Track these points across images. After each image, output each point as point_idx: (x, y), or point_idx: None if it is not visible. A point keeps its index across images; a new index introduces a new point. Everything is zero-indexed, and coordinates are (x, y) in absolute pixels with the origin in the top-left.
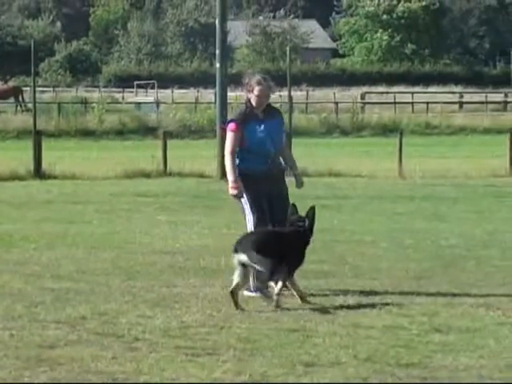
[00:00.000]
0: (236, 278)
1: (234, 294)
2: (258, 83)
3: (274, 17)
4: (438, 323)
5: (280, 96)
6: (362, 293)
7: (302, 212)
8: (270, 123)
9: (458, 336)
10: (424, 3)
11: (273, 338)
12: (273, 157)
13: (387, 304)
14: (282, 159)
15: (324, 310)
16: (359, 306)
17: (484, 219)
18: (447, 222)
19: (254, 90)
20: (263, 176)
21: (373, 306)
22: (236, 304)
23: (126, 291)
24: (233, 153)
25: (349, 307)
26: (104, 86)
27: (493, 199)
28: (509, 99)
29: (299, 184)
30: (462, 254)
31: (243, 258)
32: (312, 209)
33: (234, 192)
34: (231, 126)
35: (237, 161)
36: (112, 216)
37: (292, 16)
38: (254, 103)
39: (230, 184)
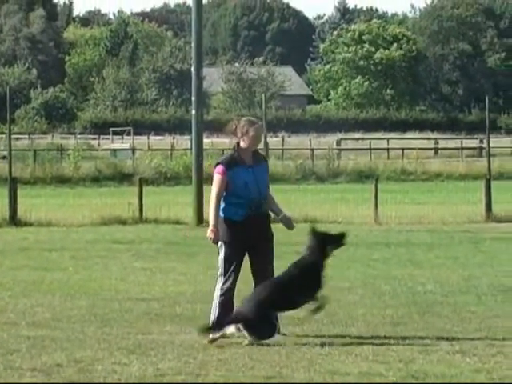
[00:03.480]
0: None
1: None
2: (253, 123)
3: (251, 63)
4: (414, 370)
5: None
6: (339, 339)
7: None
8: (257, 169)
9: (434, 382)
10: (402, 52)
11: None
12: (257, 202)
13: (363, 351)
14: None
15: (301, 357)
16: (335, 353)
17: (460, 265)
18: (423, 268)
19: (249, 131)
20: (247, 221)
21: (349, 352)
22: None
23: (102, 338)
24: (218, 196)
25: (325, 354)
26: (80, 133)
27: (468, 245)
28: (484, 145)
29: (290, 224)
30: (438, 300)
31: None
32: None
33: (211, 236)
34: (218, 169)
35: (222, 204)
36: (88, 263)
37: (270, 64)
38: (247, 145)
39: (210, 227)
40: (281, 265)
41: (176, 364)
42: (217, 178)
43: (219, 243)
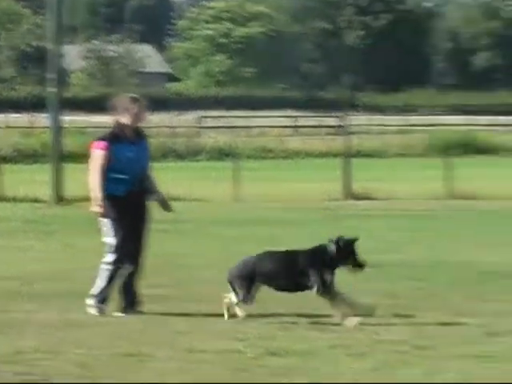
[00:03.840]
0: None
1: None
2: (136, 100)
3: (110, 41)
4: (273, 346)
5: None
6: (200, 317)
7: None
8: (139, 145)
9: (293, 359)
10: (260, 28)
11: (109, 363)
12: (140, 179)
13: (223, 328)
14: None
15: (161, 335)
16: (195, 331)
17: (317, 242)
18: (282, 244)
19: (132, 108)
20: (130, 197)
21: (209, 330)
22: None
23: None
24: (100, 171)
25: (185, 332)
26: None
27: (327, 222)
28: (343, 123)
29: (168, 207)
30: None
31: None
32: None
33: (97, 209)
34: (100, 144)
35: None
36: None
37: (128, 40)
38: (130, 121)
39: (94, 201)
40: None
41: (35, 342)
42: (99, 153)
43: (104, 220)
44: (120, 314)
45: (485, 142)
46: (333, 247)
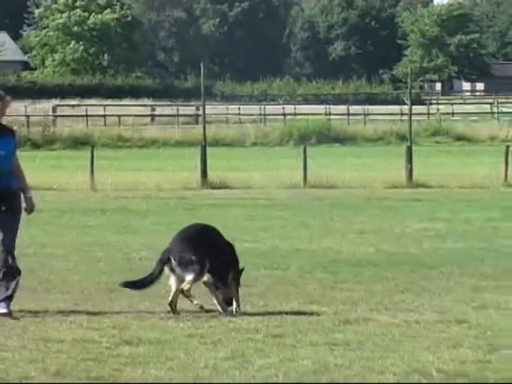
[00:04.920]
0: None
1: None
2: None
3: None
4: (128, 335)
5: None
6: (53, 306)
7: None
8: (2, 140)
9: (148, 348)
10: (115, 15)
11: None
12: (4, 174)
13: (78, 317)
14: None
15: (14, 325)
16: (50, 320)
17: (174, 231)
18: (138, 234)
19: None
20: None
21: (63, 319)
22: None
23: None
24: None
25: (39, 320)
26: None
27: (183, 211)
28: (200, 112)
29: (31, 208)
30: (152, 266)
31: None
32: None
33: None
34: None
35: None
36: None
37: None
38: None
39: None
40: None
41: None
42: None
43: None
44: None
45: (340, 131)
46: None
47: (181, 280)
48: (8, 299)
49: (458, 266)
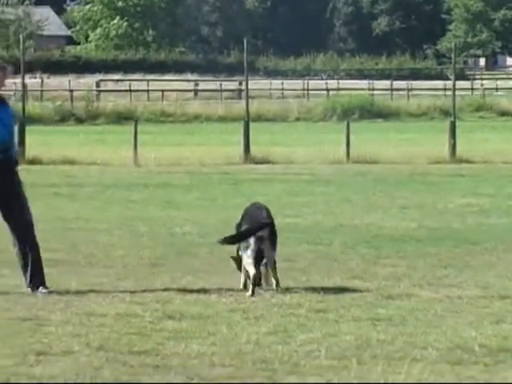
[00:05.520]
0: None
1: None
2: (2, 68)
3: (7, 3)
4: (171, 310)
5: (14, 84)
6: (96, 281)
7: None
8: (2, 111)
9: (190, 323)
10: None
11: (4, 327)
12: (6, 145)
13: (121, 292)
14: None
15: (57, 299)
16: (93, 295)
17: (218, 206)
18: (181, 209)
19: None
20: None
21: (106, 293)
22: None
23: None
24: None
25: (82, 295)
26: None
27: (227, 186)
28: (242, 87)
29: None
30: (196, 241)
31: None
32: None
33: None
34: None
35: None
36: None
37: (26, 2)
38: None
39: None
40: (40, 206)
41: None
42: None
43: None
44: (29, 291)
45: (383, 107)
46: None
47: (269, 257)
48: (41, 277)
49: (502, 241)
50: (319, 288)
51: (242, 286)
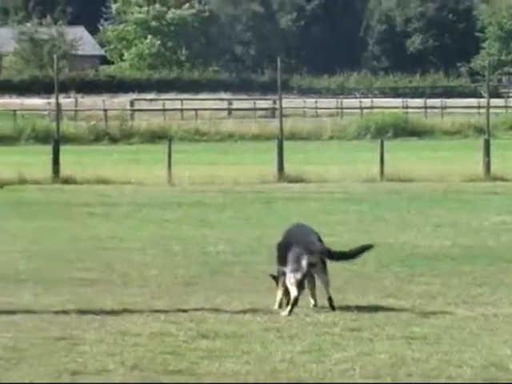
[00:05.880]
0: None
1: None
2: None
3: (41, 23)
4: (205, 329)
5: (49, 103)
6: (130, 300)
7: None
8: None
9: (224, 342)
10: (193, 11)
11: (39, 346)
12: None
13: (155, 311)
14: None
15: (91, 318)
16: (127, 314)
17: (252, 225)
18: (215, 228)
19: None
20: None
21: (141, 313)
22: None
23: None
24: None
25: (117, 314)
26: None
27: (261, 205)
28: (276, 106)
29: None
30: (229, 260)
31: None
32: None
33: None
34: None
35: None
36: None
37: (60, 22)
38: None
39: None
40: (72, 225)
41: None
42: None
43: None
44: None
45: (417, 124)
46: None
47: (325, 281)
48: None
49: None
50: (354, 306)
51: (277, 306)
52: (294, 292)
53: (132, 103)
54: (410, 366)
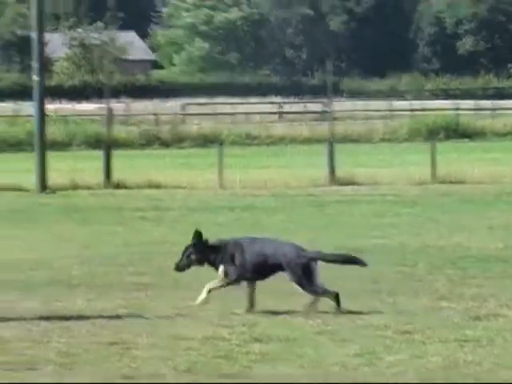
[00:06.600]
0: None
1: None
2: None
3: (91, 29)
4: (257, 333)
5: (100, 108)
6: (183, 304)
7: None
8: None
9: (277, 345)
10: (243, 14)
11: (92, 351)
12: None
13: (208, 315)
14: None
15: (143, 323)
16: (180, 318)
17: (303, 228)
18: (267, 231)
19: None
20: None
21: (193, 316)
22: None
23: None
24: None
25: (169, 319)
26: None
27: (312, 208)
28: (327, 109)
29: None
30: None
31: None
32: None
33: None
34: None
35: None
36: None
37: (111, 27)
38: None
39: None
40: (126, 230)
41: (18, 331)
42: None
43: None
44: None
45: (468, 126)
46: None
47: None
48: None
49: None
50: (406, 309)
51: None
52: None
53: (183, 107)
54: (463, 368)
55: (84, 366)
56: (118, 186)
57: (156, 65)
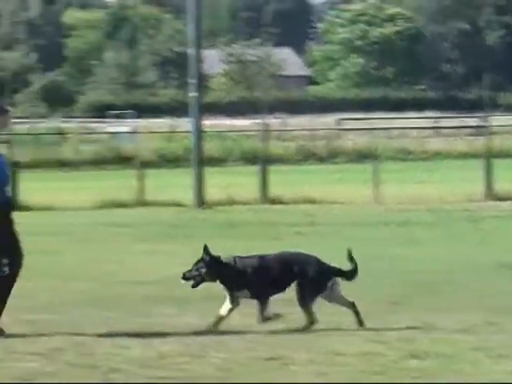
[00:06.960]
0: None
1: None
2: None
3: (249, 45)
4: (414, 349)
5: (256, 124)
6: (335, 319)
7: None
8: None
9: (434, 361)
10: (398, 28)
11: (249, 366)
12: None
13: (364, 330)
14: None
15: (299, 338)
16: (336, 333)
17: (460, 243)
18: (423, 246)
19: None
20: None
21: (349, 332)
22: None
23: (102, 322)
24: None
25: (326, 334)
26: (80, 117)
27: (468, 224)
28: (484, 124)
29: None
30: (438, 279)
31: None
32: None
33: None
34: None
35: None
36: (88, 246)
37: (267, 44)
38: None
39: None
40: (282, 245)
41: (176, 346)
42: None
43: None
44: None
45: None
46: None
47: None
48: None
49: None
50: None
51: None
52: None
53: (339, 122)
54: None
55: (242, 381)
56: (274, 202)
57: (312, 80)
